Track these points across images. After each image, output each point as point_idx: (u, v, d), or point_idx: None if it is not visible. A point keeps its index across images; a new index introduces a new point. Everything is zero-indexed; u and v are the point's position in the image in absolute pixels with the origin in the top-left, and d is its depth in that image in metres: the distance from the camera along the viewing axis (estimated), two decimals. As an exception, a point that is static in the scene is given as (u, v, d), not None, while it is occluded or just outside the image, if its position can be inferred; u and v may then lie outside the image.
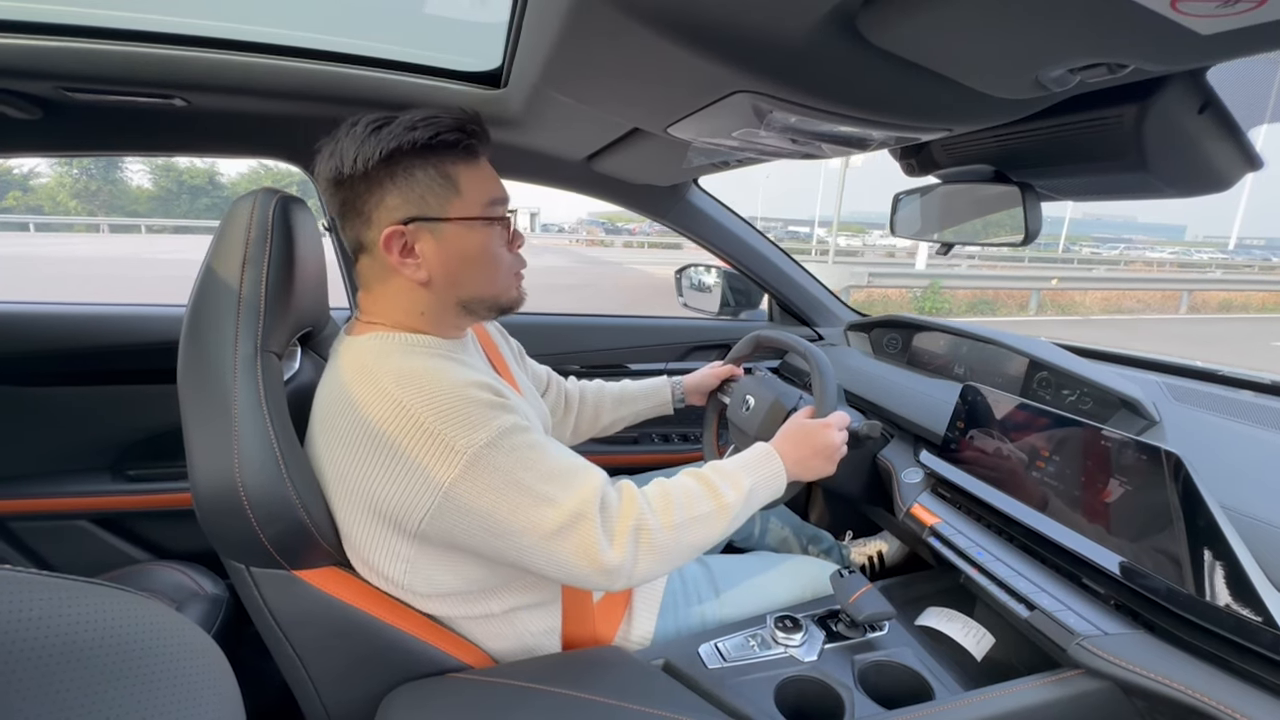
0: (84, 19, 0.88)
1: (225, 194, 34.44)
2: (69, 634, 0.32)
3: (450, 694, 0.70)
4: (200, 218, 28.42)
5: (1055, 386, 1.03)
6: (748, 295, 1.75)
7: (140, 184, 32.96)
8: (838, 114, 0.65)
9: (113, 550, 1.33)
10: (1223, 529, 0.59)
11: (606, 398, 1.19)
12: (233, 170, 34.26)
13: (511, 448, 0.65)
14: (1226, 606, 0.58)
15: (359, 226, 0.72)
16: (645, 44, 0.56)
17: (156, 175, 32.02)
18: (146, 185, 33.00)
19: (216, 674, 0.42)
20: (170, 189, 32.81)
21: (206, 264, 0.71)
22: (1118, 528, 0.70)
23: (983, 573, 0.81)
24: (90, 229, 24.72)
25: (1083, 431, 0.77)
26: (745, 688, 0.74)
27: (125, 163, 30.33)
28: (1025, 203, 0.84)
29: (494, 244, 0.75)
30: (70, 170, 28.99)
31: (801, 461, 0.85)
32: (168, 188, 32.76)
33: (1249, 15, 0.37)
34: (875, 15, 0.47)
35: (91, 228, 25.00)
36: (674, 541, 0.71)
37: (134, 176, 33.18)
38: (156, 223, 26.07)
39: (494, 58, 0.96)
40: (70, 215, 28.19)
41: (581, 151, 1.24)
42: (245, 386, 0.66)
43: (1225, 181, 0.67)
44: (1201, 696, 0.57)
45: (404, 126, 0.68)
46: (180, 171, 32.12)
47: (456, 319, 0.77)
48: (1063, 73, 0.51)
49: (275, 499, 0.65)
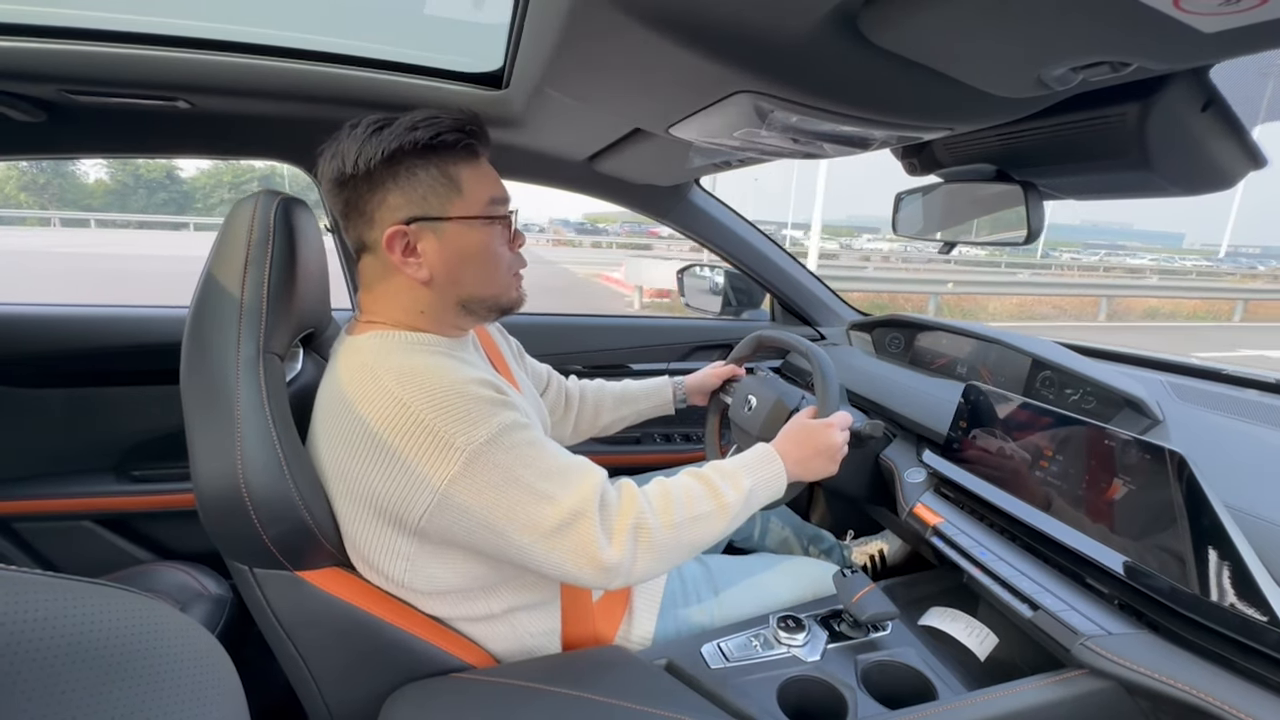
0: (87, 22, 0.88)
1: (184, 188, 33.95)
2: (74, 635, 0.32)
3: (453, 694, 0.70)
4: (159, 212, 27.98)
5: (1058, 386, 1.02)
6: (749, 295, 1.75)
7: (99, 177, 32.43)
8: (839, 113, 0.65)
9: (117, 551, 1.33)
10: (1227, 528, 0.59)
11: (607, 397, 1.19)
12: (192, 166, 33.78)
13: (511, 445, 0.65)
14: (1231, 606, 0.58)
15: (361, 226, 0.72)
16: (647, 44, 0.56)
17: (114, 170, 31.50)
18: (104, 179, 32.51)
19: (221, 674, 0.42)
20: (127, 183, 32.23)
21: (209, 266, 0.71)
22: (1121, 527, 0.70)
23: (986, 572, 0.81)
24: (42, 223, 24.29)
25: (1086, 431, 0.77)
26: (748, 688, 0.74)
27: (78, 155, 30.04)
28: (1028, 202, 0.83)
29: (495, 243, 0.75)
30: (18, 163, 28.69)
31: (803, 462, 0.85)
32: (124, 182, 32.19)
33: (1252, 13, 0.37)
34: (877, 14, 0.47)
35: (43, 221, 24.55)
36: (673, 540, 0.72)
37: (91, 170, 32.40)
38: (108, 217, 25.43)
39: (495, 59, 0.96)
40: (21, 209, 27.64)
41: (583, 152, 1.24)
42: (247, 388, 0.66)
43: (1228, 180, 0.67)
44: (1206, 696, 0.57)
45: (405, 127, 0.68)
46: (137, 165, 31.39)
47: (457, 318, 0.78)
48: (1065, 71, 0.50)
49: (278, 500, 0.65)
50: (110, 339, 1.31)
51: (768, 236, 1.62)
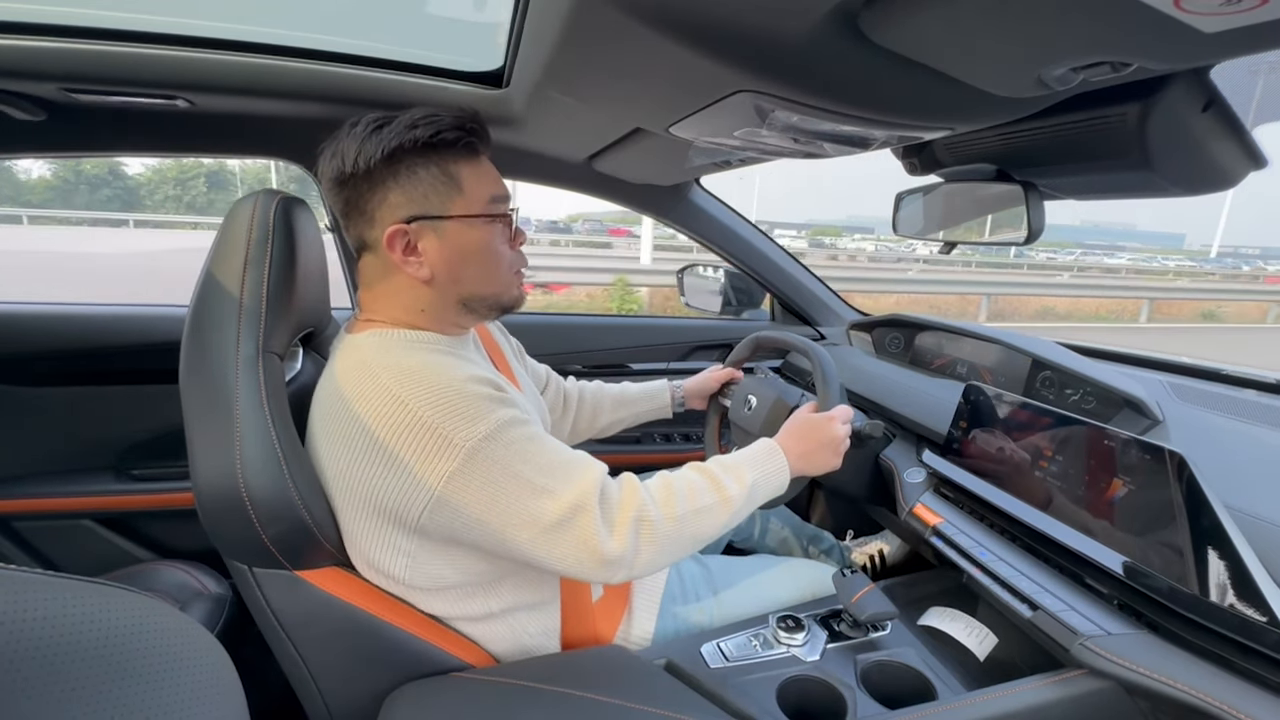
0: (87, 20, 0.88)
1: (128, 184, 33.22)
2: (73, 634, 0.32)
3: (453, 693, 0.70)
4: (105, 209, 27.10)
5: (1058, 386, 1.02)
6: (750, 295, 1.75)
7: (41, 174, 31.32)
8: (840, 113, 0.65)
9: (117, 550, 1.33)
10: (1226, 529, 0.59)
11: (605, 399, 1.19)
12: (138, 163, 32.97)
13: (510, 441, 0.65)
14: (1230, 606, 0.58)
15: (362, 225, 0.72)
16: (647, 44, 0.56)
17: (56, 166, 30.32)
18: (46, 175, 31.30)
19: (220, 673, 0.42)
20: (69, 179, 31.36)
21: (208, 265, 0.71)
22: (1121, 527, 0.70)
23: (985, 572, 0.81)
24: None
25: (1086, 431, 0.77)
26: (748, 687, 0.74)
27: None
28: (1028, 202, 0.83)
29: (496, 241, 0.75)
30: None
31: (805, 455, 0.85)
32: (66, 178, 31.29)
33: (1253, 14, 0.37)
34: (877, 14, 0.47)
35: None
36: (676, 532, 0.71)
37: (33, 168, 31.28)
38: (43, 214, 24.33)
39: (495, 58, 0.96)
40: (-52, 204, 26.34)
41: (583, 151, 1.24)
42: (247, 387, 0.66)
43: (1229, 180, 0.67)
44: (1205, 696, 0.57)
45: (405, 125, 0.68)
46: (80, 161, 29.84)
47: (458, 317, 0.78)
48: (1065, 71, 0.50)
49: (277, 500, 0.65)
50: (110, 338, 1.31)
51: (768, 236, 1.62)
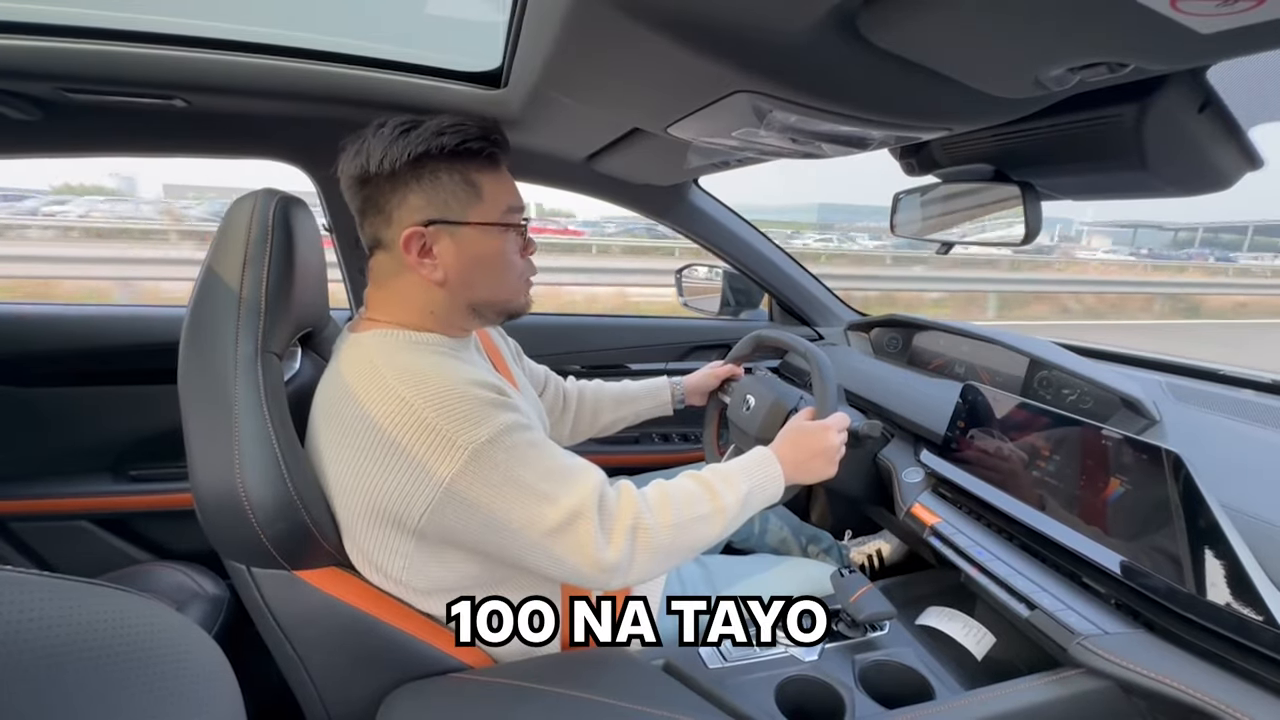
0: (83, 19, 0.87)
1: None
2: (70, 635, 0.32)
3: (451, 694, 0.70)
4: None
5: (1056, 386, 1.03)
6: (748, 295, 1.75)
7: None
8: (838, 114, 0.65)
9: (114, 551, 1.33)
10: (1223, 528, 0.59)
11: (606, 397, 1.19)
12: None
13: (512, 445, 0.65)
14: (1227, 605, 0.58)
15: (379, 224, 0.73)
16: (645, 44, 0.56)
17: None
18: None
19: (218, 674, 0.42)
20: None
21: (207, 265, 0.71)
22: (1118, 527, 0.70)
23: (983, 572, 0.81)
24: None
25: (1083, 431, 0.77)
26: (746, 687, 0.75)
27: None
28: (1025, 202, 0.83)
29: (509, 249, 0.77)
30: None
31: (801, 464, 0.85)
32: None
33: (1249, 14, 0.37)
34: (875, 15, 0.47)
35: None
36: (671, 541, 0.72)
37: None
38: None
39: (494, 57, 0.96)
40: None
41: (582, 151, 1.24)
42: (246, 387, 0.66)
43: (1225, 180, 0.67)
44: (1202, 695, 0.57)
45: (432, 131, 0.69)
46: None
47: (464, 320, 0.78)
48: (1062, 72, 0.51)
49: (276, 500, 0.65)
50: (108, 338, 1.30)
51: (767, 237, 1.63)
